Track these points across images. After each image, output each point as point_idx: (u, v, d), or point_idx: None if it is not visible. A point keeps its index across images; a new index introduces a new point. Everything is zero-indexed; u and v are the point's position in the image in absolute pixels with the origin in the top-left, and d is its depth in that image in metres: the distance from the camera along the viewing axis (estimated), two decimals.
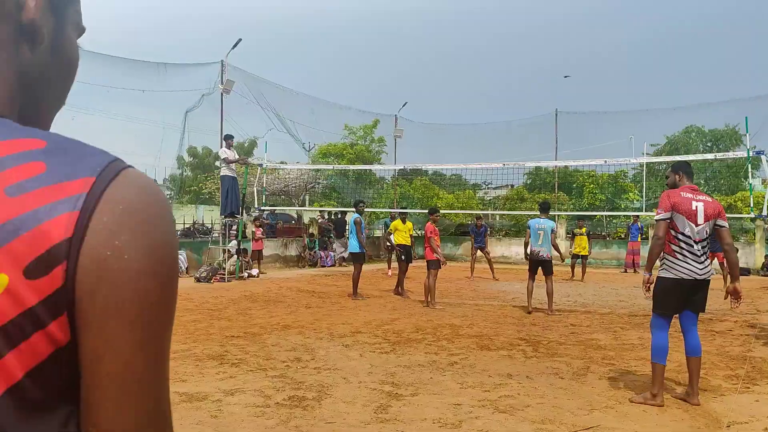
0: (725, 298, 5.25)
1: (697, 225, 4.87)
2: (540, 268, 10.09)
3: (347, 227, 12.20)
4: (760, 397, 5.11)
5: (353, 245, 11.91)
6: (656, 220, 5.01)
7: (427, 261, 10.91)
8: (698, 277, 4.86)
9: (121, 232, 0.61)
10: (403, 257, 12.48)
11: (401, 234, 12.75)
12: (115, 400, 0.62)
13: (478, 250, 17.04)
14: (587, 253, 16.99)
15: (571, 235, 18.21)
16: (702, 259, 4.89)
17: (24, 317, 0.58)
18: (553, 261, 10.18)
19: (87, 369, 0.62)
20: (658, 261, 5.07)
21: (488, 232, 18.85)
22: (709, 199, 5.04)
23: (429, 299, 10.64)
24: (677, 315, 5.06)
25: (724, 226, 5.00)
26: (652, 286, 5.05)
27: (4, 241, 0.57)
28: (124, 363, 0.61)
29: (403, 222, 13.04)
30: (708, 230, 4.93)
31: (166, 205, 0.66)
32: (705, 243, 4.93)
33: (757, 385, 5.49)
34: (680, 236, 4.89)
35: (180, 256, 16.06)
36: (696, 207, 4.90)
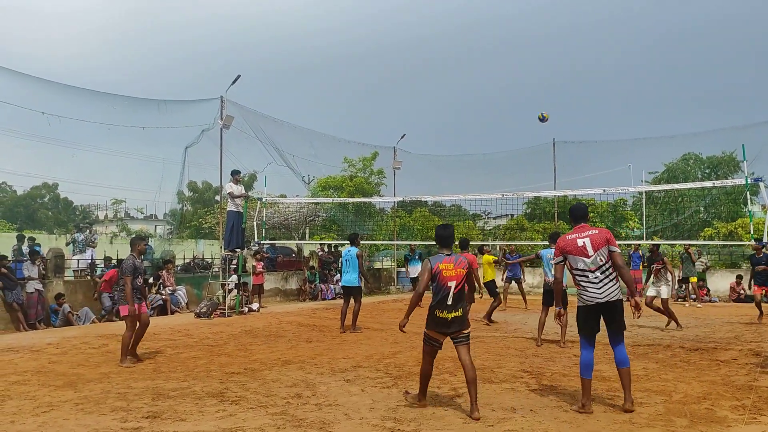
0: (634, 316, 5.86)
1: (588, 257, 5.64)
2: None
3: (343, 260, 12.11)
4: (767, 428, 5.03)
5: (355, 279, 11.76)
6: (553, 264, 6.11)
7: None
8: (599, 300, 5.59)
9: None
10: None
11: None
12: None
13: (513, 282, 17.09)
14: None
15: None
16: (601, 285, 5.60)
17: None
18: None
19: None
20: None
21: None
22: (596, 231, 5.78)
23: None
24: (609, 338, 5.78)
25: (614, 251, 5.69)
26: (562, 318, 6.48)
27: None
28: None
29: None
30: (602, 258, 5.62)
31: None
32: (604, 269, 5.61)
33: (764, 415, 5.40)
34: (576, 271, 5.72)
35: (179, 291, 16.02)
36: (583, 243, 5.69)
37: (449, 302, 5.53)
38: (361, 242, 13.29)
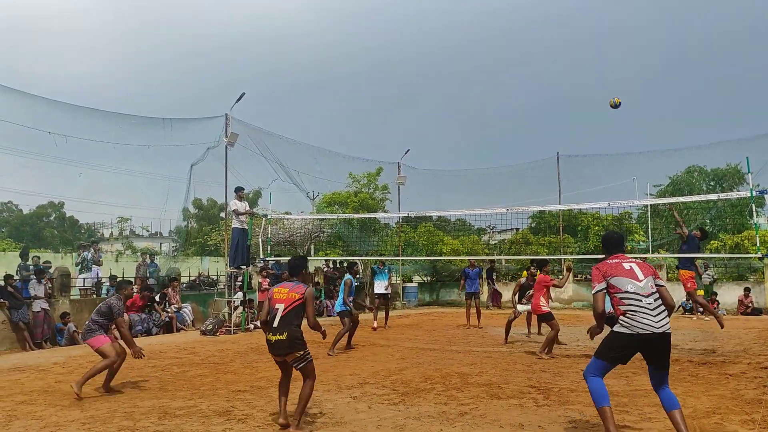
0: None
1: (639, 281, 4.91)
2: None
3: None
4: None
5: (339, 304, 11.47)
6: (593, 294, 5.09)
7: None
8: (656, 329, 4.71)
9: None
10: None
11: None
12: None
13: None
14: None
15: None
16: (657, 312, 4.79)
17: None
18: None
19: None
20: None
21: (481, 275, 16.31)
22: (639, 261, 5.16)
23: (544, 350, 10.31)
24: (650, 379, 5.07)
25: (662, 285, 5.00)
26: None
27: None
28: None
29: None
30: (652, 285, 4.92)
31: None
32: (656, 297, 4.88)
33: None
34: (626, 295, 4.88)
35: (185, 308, 16.02)
36: (630, 267, 5.03)
37: (275, 324, 5.64)
38: (366, 258, 13.17)
